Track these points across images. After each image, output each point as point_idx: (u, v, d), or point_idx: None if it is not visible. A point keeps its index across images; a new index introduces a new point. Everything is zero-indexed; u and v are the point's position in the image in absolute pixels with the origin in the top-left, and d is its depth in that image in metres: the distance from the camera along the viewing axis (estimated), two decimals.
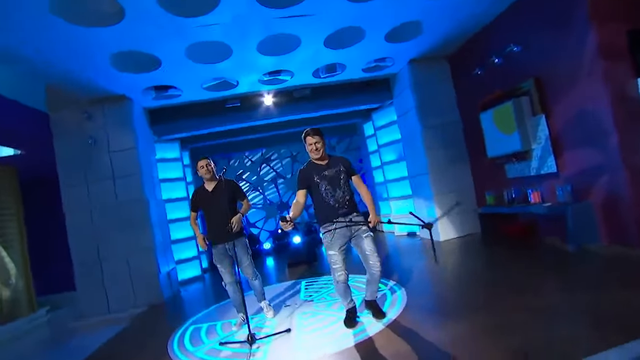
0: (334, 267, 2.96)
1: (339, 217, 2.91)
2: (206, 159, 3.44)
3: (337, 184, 2.90)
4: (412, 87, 6.55)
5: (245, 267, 3.51)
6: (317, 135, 2.93)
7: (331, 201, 2.89)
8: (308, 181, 2.92)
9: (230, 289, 3.52)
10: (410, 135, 6.94)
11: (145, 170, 5.94)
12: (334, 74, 6.56)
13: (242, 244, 3.48)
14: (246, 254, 3.48)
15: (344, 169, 2.98)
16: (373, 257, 2.94)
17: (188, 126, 6.94)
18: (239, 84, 6.26)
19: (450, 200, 6.47)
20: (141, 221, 5.66)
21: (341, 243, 2.92)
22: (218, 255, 3.45)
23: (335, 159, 3.01)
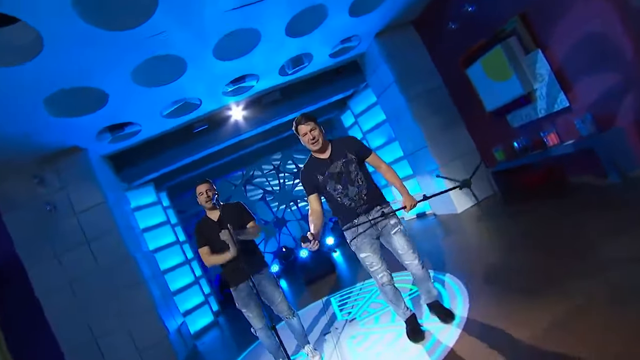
0: (371, 270, 2.47)
1: (359, 217, 2.42)
2: (206, 182, 2.86)
3: (347, 180, 2.37)
4: (386, 60, 6.08)
5: (278, 303, 2.88)
6: (310, 122, 2.39)
7: (345, 202, 2.39)
8: (313, 183, 2.43)
9: (262, 334, 2.89)
10: (395, 111, 6.47)
11: (121, 223, 5.20)
12: (301, 67, 5.98)
13: (269, 276, 2.88)
14: (276, 287, 2.89)
15: (352, 157, 2.41)
16: (408, 255, 2.42)
17: (157, 164, 6.21)
18: (202, 102, 5.59)
19: (458, 168, 5.99)
20: (132, 281, 4.91)
21: (371, 241, 2.44)
22: (242, 298, 2.83)
23: (339, 145, 2.45)
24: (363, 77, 6.90)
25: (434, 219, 6.47)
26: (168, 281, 6.00)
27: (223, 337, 5.63)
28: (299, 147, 9.61)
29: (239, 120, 6.46)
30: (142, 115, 5.10)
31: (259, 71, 5.49)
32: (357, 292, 4.40)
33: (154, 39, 3.59)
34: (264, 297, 2.83)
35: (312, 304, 4.79)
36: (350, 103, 7.73)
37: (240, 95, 5.99)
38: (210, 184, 2.91)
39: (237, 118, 6.43)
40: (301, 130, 2.38)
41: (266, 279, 2.84)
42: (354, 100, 7.64)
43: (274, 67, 5.60)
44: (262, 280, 2.83)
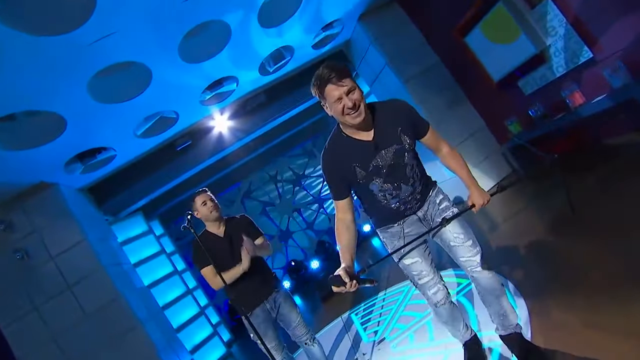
0: (420, 282, 1.79)
1: (407, 218, 1.78)
2: (205, 192, 2.54)
3: (401, 176, 1.64)
4: (374, 43, 5.53)
5: (295, 327, 2.50)
6: (346, 78, 1.52)
7: (393, 204, 1.71)
8: (346, 179, 1.66)
9: None
10: (392, 98, 5.86)
11: (107, 261, 4.62)
12: (284, 62, 5.45)
13: (286, 295, 2.54)
14: (294, 306, 2.54)
15: (407, 140, 1.63)
16: (465, 249, 1.71)
17: (141, 190, 5.67)
18: (179, 115, 5.04)
19: (470, 149, 5.39)
20: (126, 325, 4.32)
21: (420, 241, 1.76)
22: (259, 324, 2.38)
23: (386, 116, 1.63)
24: (352, 66, 6.37)
25: None
26: (169, 317, 5.42)
27: None
28: (294, 152, 9.11)
29: (223, 131, 5.93)
30: (113, 138, 4.53)
31: (236, 72, 4.95)
32: (381, 303, 3.80)
33: (102, 44, 3.02)
34: (280, 320, 2.51)
35: (330, 324, 4.22)
36: None
37: (222, 103, 5.44)
38: (210, 193, 2.57)
39: (222, 129, 5.91)
40: (331, 93, 1.50)
41: (282, 297, 2.50)
42: None
43: (253, 65, 5.06)
44: (279, 298, 2.49)
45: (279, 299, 2.50)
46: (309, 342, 2.52)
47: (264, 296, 2.44)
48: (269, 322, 2.45)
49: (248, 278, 2.41)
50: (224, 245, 2.48)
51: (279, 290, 2.54)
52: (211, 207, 2.48)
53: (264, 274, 2.53)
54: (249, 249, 2.35)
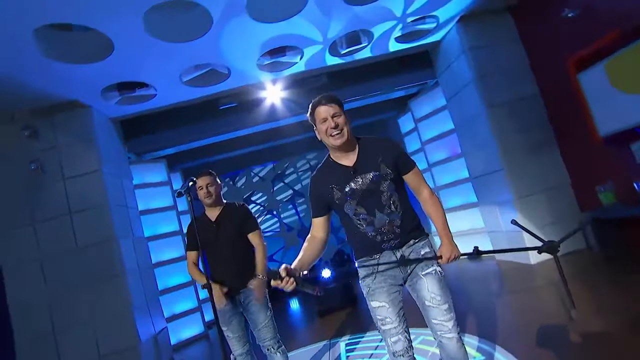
0: (382, 328, 1.90)
1: (384, 252, 1.90)
2: (208, 175, 2.75)
3: (376, 203, 1.85)
4: (467, 53, 5.21)
5: (261, 329, 2.64)
6: (334, 104, 1.87)
7: (369, 232, 1.88)
8: (325, 198, 1.92)
9: None
10: (468, 121, 5.59)
11: (115, 199, 4.81)
12: (358, 47, 5.29)
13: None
14: (265, 309, 2.68)
15: (387, 170, 1.86)
16: (439, 312, 1.84)
17: (173, 138, 5.83)
18: (231, 73, 5.07)
19: (539, 205, 4.95)
20: (111, 272, 4.48)
21: (391, 287, 1.90)
22: (225, 313, 2.63)
23: (370, 148, 1.91)
24: (433, 72, 6.11)
25: (493, 265, 5.44)
26: (158, 276, 5.56)
27: (210, 355, 5.08)
28: None
29: (274, 103, 5.93)
30: (157, 77, 4.66)
31: (303, 44, 4.86)
32: (377, 343, 3.58)
33: None
34: (247, 318, 2.69)
35: (315, 344, 4.08)
36: (412, 104, 6.94)
37: (279, 72, 5.42)
38: (213, 178, 2.78)
39: (272, 100, 5.90)
40: (319, 113, 1.86)
41: (254, 295, 2.66)
42: (418, 100, 6.87)
43: (324, 41, 4.95)
44: (250, 294, 2.65)
45: (250, 296, 2.64)
46: (272, 349, 2.64)
47: (235, 290, 2.64)
48: (235, 313, 2.65)
49: (226, 267, 2.64)
50: (210, 230, 2.68)
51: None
52: (205, 194, 2.69)
53: (243, 267, 2.68)
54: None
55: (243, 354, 2.66)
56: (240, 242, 2.72)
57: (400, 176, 1.90)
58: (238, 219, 2.72)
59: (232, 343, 2.66)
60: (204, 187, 2.70)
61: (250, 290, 2.66)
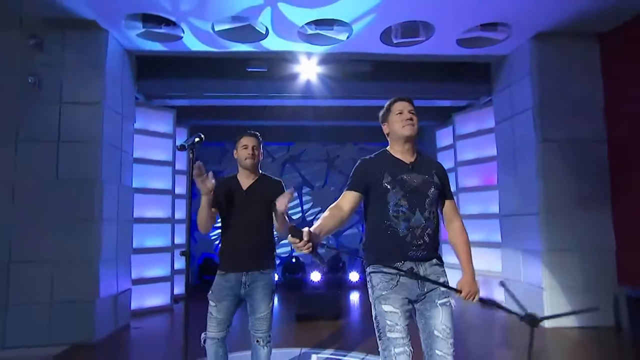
0: (389, 335, 1.93)
1: (407, 260, 2.00)
2: (255, 137, 2.74)
3: (420, 202, 2.03)
4: (534, 75, 4.93)
5: (258, 319, 2.62)
6: (411, 103, 2.17)
7: (401, 228, 2.00)
8: (370, 178, 2.06)
9: (211, 350, 2.59)
10: (514, 151, 5.33)
11: (110, 137, 4.69)
12: (415, 41, 5.03)
13: (268, 281, 2.67)
14: (268, 299, 2.65)
15: (437, 182, 2.10)
16: (444, 344, 1.96)
17: (190, 89, 5.68)
18: (268, 33, 4.85)
19: (571, 266, 4.65)
20: (86, 215, 4.35)
21: (404, 300, 1.99)
22: (223, 288, 2.59)
23: (427, 160, 2.20)
24: (490, 88, 5.88)
25: (502, 318, 5.15)
26: (136, 233, 5.45)
27: (171, 330, 5.03)
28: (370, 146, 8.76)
29: (304, 78, 5.73)
30: (189, 18, 4.45)
31: (354, 22, 4.64)
32: None
33: None
34: (248, 302, 2.64)
35: (285, 349, 3.93)
36: (457, 118, 6.71)
37: (319, 46, 5.20)
38: (259, 142, 2.76)
39: (305, 76, 5.71)
40: (396, 107, 2.13)
41: (263, 281, 2.62)
42: (464, 115, 6.63)
43: (378, 24, 4.72)
44: (259, 280, 2.61)
45: (258, 281, 2.59)
46: (262, 342, 2.61)
47: (246, 267, 2.58)
48: (232, 293, 2.57)
49: (243, 241, 2.59)
50: (239, 196, 2.63)
51: (267, 273, 2.63)
52: (248, 155, 2.64)
53: (263, 247, 2.66)
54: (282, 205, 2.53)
55: (217, 340, 2.56)
56: (266, 220, 2.68)
57: (441, 196, 2.11)
58: (272, 194, 2.64)
59: (212, 324, 2.57)
60: (248, 147, 2.65)
61: (261, 274, 2.62)
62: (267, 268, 2.64)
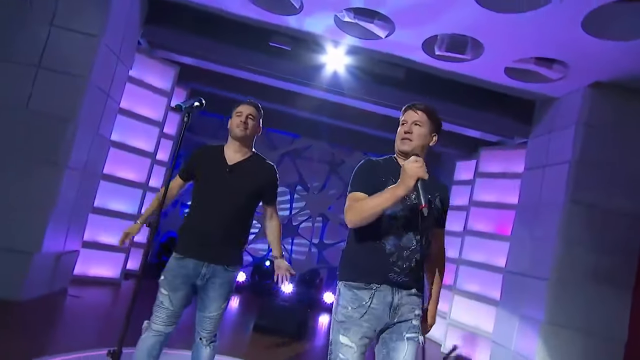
0: None
1: (385, 283, 2.01)
2: (255, 107, 2.57)
3: (417, 222, 2.02)
4: (581, 127, 4.81)
5: (207, 317, 2.50)
6: (424, 113, 2.09)
7: (389, 244, 2.01)
8: (374, 180, 2.05)
9: (149, 341, 2.40)
10: (537, 204, 5.22)
11: (99, 78, 4.55)
12: (458, 57, 4.92)
13: (229, 280, 2.54)
14: (224, 298, 2.55)
15: (439, 205, 2.16)
16: None
17: (200, 48, 5.51)
18: (301, 10, 4.72)
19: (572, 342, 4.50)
20: (54, 156, 4.22)
21: (366, 333, 2.00)
22: (178, 275, 2.42)
23: (432, 179, 2.06)
24: (527, 130, 5.79)
25: None
26: (101, 191, 5.34)
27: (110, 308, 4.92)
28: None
29: (329, 69, 5.64)
30: None
31: (398, 21, 4.53)
32: None
33: None
34: (200, 298, 2.51)
35: (230, 358, 3.81)
36: (483, 152, 6.61)
37: (352, 37, 5.08)
38: (259, 114, 2.59)
39: (329, 67, 5.62)
40: (406, 115, 2.12)
41: (224, 279, 2.48)
42: (491, 152, 6.54)
43: (423, 31, 4.64)
44: (219, 277, 2.46)
45: (218, 276, 2.44)
46: (205, 341, 2.51)
47: (210, 257, 2.41)
48: (188, 282, 2.42)
49: (214, 225, 2.42)
50: (221, 172, 2.46)
51: (231, 270, 2.48)
52: (240, 122, 2.48)
53: (235, 240, 2.52)
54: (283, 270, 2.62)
55: (161, 333, 2.39)
56: (248, 207, 2.53)
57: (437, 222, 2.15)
58: (262, 180, 2.53)
59: (160, 315, 2.39)
60: (242, 114, 2.49)
61: (224, 270, 2.47)
62: (233, 265, 2.50)
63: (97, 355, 3.20)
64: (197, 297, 2.50)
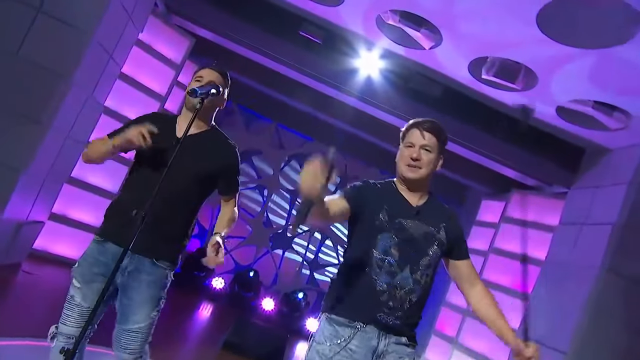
0: None
1: (372, 324, 1.96)
2: (221, 74, 2.37)
3: (416, 258, 2.00)
4: (634, 187, 4.80)
5: (134, 331, 2.19)
6: (433, 135, 2.05)
7: (381, 282, 1.97)
8: (366, 204, 2.05)
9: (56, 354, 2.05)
10: (566, 265, 5.21)
11: (103, 36, 4.47)
12: (507, 85, 4.88)
13: (158, 279, 2.26)
14: (152, 304, 2.24)
15: (443, 239, 2.06)
16: None
17: (222, 24, 5.49)
18: (344, 1, 4.70)
19: None
20: (36, 113, 4.14)
21: None
22: (96, 263, 2.19)
23: (438, 209, 2.17)
24: (571, 179, 5.82)
25: None
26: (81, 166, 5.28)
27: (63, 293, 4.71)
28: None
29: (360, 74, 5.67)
30: None
31: (449, 33, 4.51)
32: None
33: None
34: (120, 303, 2.22)
35: None
36: (514, 195, 6.69)
37: (392, 41, 5.06)
38: (225, 81, 2.39)
39: (362, 71, 5.65)
40: (411, 135, 2.08)
41: (151, 277, 2.21)
42: (523, 197, 6.58)
43: (476, 49, 4.61)
44: (145, 273, 2.19)
45: (144, 271, 2.18)
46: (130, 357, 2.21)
47: (136, 245, 1.98)
48: (104, 273, 2.14)
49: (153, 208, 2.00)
50: (167, 145, 2.16)
51: (159, 266, 2.22)
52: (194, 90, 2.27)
53: (172, 229, 2.27)
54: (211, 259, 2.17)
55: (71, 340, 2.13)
56: (194, 193, 2.33)
57: (448, 256, 2.08)
58: (216, 160, 2.33)
59: (70, 314, 2.16)
60: (203, 80, 2.28)
61: (153, 266, 2.22)
62: (164, 260, 2.25)
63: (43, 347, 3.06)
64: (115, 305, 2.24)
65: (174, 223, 2.26)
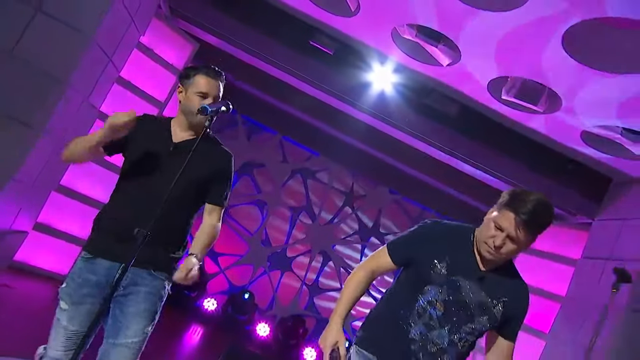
0: None
1: None
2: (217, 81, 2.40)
3: (459, 322, 2.07)
4: None
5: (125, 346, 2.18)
6: (532, 222, 1.93)
7: (415, 330, 2.07)
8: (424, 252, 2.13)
9: None
10: (589, 304, 5.15)
11: (104, 38, 4.59)
12: (528, 107, 4.96)
13: (156, 290, 2.30)
14: (148, 317, 2.27)
15: (498, 314, 2.06)
16: None
17: (230, 30, 5.61)
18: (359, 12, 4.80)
19: None
20: (28, 116, 4.22)
21: None
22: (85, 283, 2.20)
23: (507, 280, 2.15)
24: (595, 210, 5.87)
25: None
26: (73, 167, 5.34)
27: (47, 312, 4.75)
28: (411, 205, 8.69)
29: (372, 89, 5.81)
30: None
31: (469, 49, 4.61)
32: None
33: None
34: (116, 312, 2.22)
35: None
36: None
37: (407, 55, 5.17)
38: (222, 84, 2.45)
39: (374, 86, 5.79)
40: (504, 218, 1.96)
41: (148, 288, 2.26)
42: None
43: (493, 69, 4.72)
44: (143, 285, 2.23)
45: (143, 284, 2.22)
46: None
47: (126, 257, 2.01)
48: (98, 294, 2.18)
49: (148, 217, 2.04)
50: (162, 151, 2.29)
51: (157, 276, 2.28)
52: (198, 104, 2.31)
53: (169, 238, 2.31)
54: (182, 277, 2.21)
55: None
56: (193, 199, 2.40)
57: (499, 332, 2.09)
58: (211, 166, 2.40)
59: (57, 337, 2.16)
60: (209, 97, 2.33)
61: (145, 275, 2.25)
62: (161, 270, 2.28)
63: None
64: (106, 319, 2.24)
65: (171, 231, 2.31)
